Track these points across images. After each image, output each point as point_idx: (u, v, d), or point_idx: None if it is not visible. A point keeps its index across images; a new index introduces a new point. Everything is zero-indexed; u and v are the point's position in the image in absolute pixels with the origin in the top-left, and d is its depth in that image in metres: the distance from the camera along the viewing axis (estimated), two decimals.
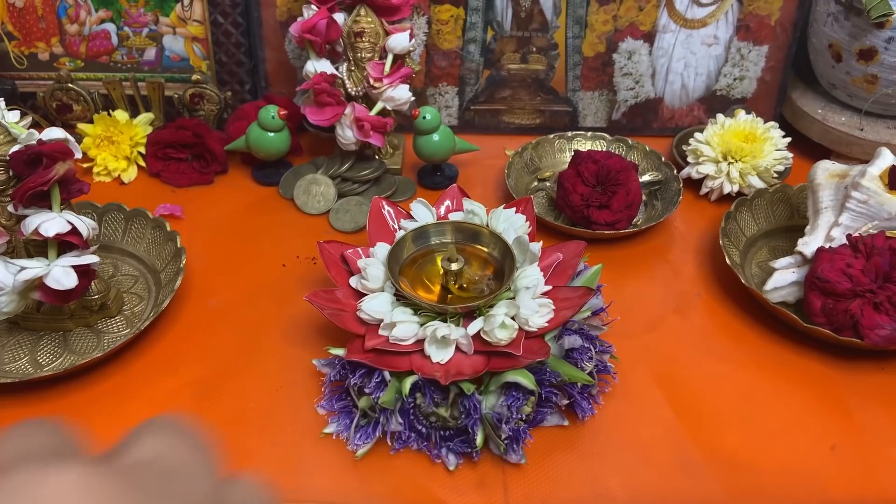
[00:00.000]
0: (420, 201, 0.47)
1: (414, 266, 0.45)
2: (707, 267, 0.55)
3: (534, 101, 0.70)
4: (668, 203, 0.60)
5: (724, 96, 0.70)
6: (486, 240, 0.45)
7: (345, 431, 0.41)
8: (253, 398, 0.44)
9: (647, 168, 0.64)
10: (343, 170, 0.61)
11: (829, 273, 0.45)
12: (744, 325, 0.50)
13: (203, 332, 0.48)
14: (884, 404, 0.44)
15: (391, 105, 0.59)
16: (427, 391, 0.39)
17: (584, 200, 0.55)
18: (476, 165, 0.66)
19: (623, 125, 0.71)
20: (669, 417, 0.43)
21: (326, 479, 0.39)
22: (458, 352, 0.41)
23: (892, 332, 0.44)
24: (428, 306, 0.41)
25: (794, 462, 0.41)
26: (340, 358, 0.41)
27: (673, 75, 0.68)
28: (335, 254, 0.45)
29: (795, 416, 0.43)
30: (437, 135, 0.60)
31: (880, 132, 0.63)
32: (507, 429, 0.38)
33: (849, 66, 0.62)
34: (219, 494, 0.17)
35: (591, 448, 0.41)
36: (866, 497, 0.39)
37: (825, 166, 0.53)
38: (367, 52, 0.58)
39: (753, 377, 0.46)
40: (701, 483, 0.40)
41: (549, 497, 0.39)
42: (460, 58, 0.67)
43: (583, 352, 0.41)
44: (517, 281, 0.42)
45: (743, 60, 0.68)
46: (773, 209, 0.58)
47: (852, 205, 0.49)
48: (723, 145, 0.61)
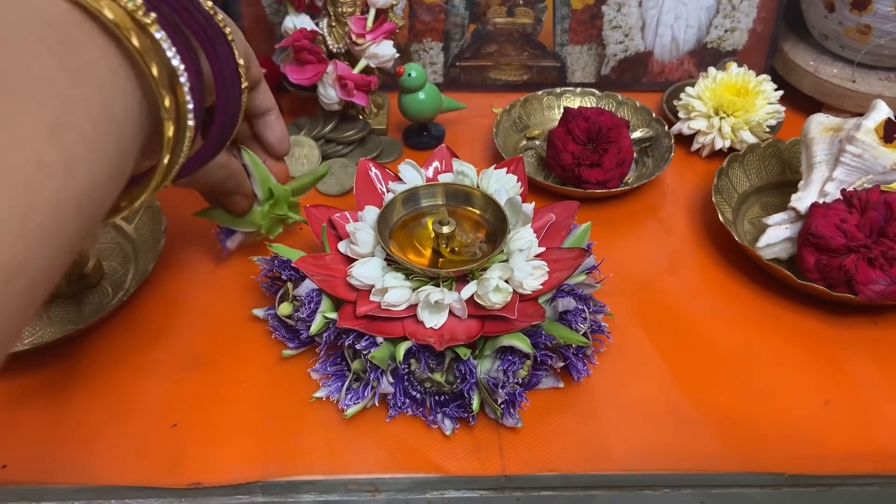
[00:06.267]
0: (408, 163, 0.46)
1: (404, 230, 0.44)
2: (699, 224, 0.55)
3: (521, 57, 0.68)
4: (660, 160, 0.59)
5: (715, 49, 0.68)
6: (478, 202, 0.44)
7: (335, 394, 0.41)
8: (244, 367, 0.43)
9: (637, 124, 0.62)
10: (326, 131, 0.59)
11: (823, 228, 0.45)
12: (737, 282, 0.50)
13: (189, 300, 0.47)
14: (876, 359, 0.44)
15: (375, 62, 0.57)
16: (421, 357, 0.38)
17: (575, 159, 0.54)
18: (463, 124, 0.64)
19: (612, 80, 0.69)
20: (664, 375, 0.43)
21: (321, 449, 0.39)
22: (452, 316, 0.40)
23: (886, 287, 0.43)
24: (420, 271, 0.40)
25: (789, 418, 0.41)
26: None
27: (663, 28, 0.67)
28: (322, 218, 0.44)
29: (789, 372, 0.43)
30: (422, 93, 0.58)
31: (872, 84, 0.63)
32: (504, 393, 0.38)
33: (841, 15, 0.61)
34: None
35: (587, 408, 0.41)
36: (860, 452, 0.39)
37: (819, 120, 0.52)
38: (348, 6, 0.56)
39: (747, 334, 0.46)
40: (697, 439, 0.40)
41: (545, 459, 0.39)
42: (445, 11, 0.65)
43: (577, 313, 0.40)
44: (510, 243, 0.42)
45: (734, 11, 0.66)
46: (766, 164, 0.57)
47: (847, 159, 0.48)
48: (714, 100, 0.59)
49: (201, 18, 0.30)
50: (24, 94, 0.20)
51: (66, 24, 0.23)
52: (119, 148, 0.24)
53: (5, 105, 0.19)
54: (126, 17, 0.25)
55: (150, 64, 0.26)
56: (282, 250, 0.42)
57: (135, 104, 0.26)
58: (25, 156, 0.19)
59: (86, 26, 0.24)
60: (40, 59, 0.21)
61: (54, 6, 0.23)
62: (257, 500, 0.38)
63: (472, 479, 0.38)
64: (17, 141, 0.19)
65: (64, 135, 0.21)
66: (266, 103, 0.41)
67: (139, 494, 0.38)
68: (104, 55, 0.24)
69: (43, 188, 0.20)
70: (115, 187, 0.25)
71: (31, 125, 0.20)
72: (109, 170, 0.24)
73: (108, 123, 0.23)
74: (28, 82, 0.20)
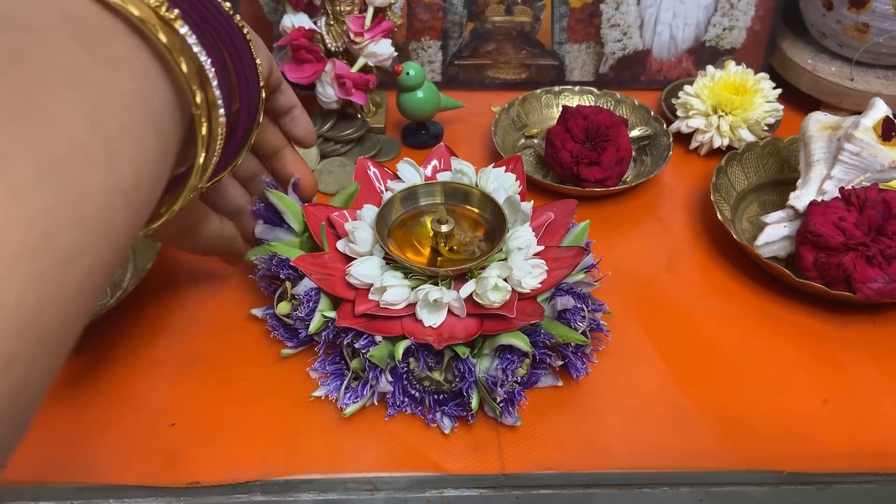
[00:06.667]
0: (407, 161, 0.46)
1: (403, 228, 0.44)
2: (698, 223, 0.55)
3: (519, 55, 0.68)
4: (658, 158, 0.59)
5: (713, 47, 0.68)
6: (477, 200, 0.44)
7: (334, 393, 0.41)
8: (243, 366, 0.43)
9: (636, 123, 0.62)
10: (325, 129, 0.59)
11: (822, 227, 0.45)
12: (735, 280, 0.50)
13: (187, 300, 0.47)
14: (875, 357, 0.44)
15: (373, 61, 0.57)
16: (420, 355, 0.38)
17: (574, 158, 0.54)
18: (461, 123, 0.64)
19: (611, 79, 0.69)
20: (663, 373, 0.43)
21: (319, 448, 0.39)
22: (451, 315, 0.40)
23: (885, 285, 0.44)
24: (419, 269, 0.40)
25: (787, 416, 0.41)
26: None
27: (661, 26, 0.67)
28: (321, 217, 0.44)
29: (788, 370, 0.43)
30: (421, 91, 0.58)
31: (870, 82, 0.63)
32: (502, 391, 0.38)
33: (840, 14, 0.61)
34: None
35: (585, 407, 0.41)
36: (858, 450, 0.39)
37: (817, 118, 0.52)
38: (346, 4, 0.56)
39: (745, 332, 0.46)
40: (695, 437, 0.40)
41: (544, 457, 0.39)
42: (443, 10, 0.65)
43: (575, 312, 0.40)
44: (509, 242, 0.42)
45: (733, 9, 0.66)
46: (764, 162, 0.57)
47: (845, 157, 0.48)
48: (713, 98, 0.59)
49: (221, 17, 0.31)
50: (60, 87, 0.20)
51: (93, 21, 0.23)
52: (159, 141, 0.24)
53: (41, 97, 0.19)
54: (151, 14, 0.25)
55: (179, 60, 0.26)
56: (280, 249, 0.42)
57: (168, 98, 0.26)
58: (69, 146, 0.19)
59: (112, 23, 0.24)
60: (72, 52, 0.21)
61: (80, 4, 0.23)
62: (256, 499, 0.38)
63: (470, 478, 0.38)
64: (58, 131, 0.19)
65: (105, 126, 0.21)
66: (290, 100, 0.42)
67: (138, 493, 0.37)
68: (134, 50, 0.24)
69: (90, 178, 0.20)
70: (159, 182, 0.25)
71: (70, 116, 0.20)
72: (152, 163, 0.24)
73: (147, 116, 0.23)
74: (62, 74, 0.20)
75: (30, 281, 0.18)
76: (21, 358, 0.18)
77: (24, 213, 0.18)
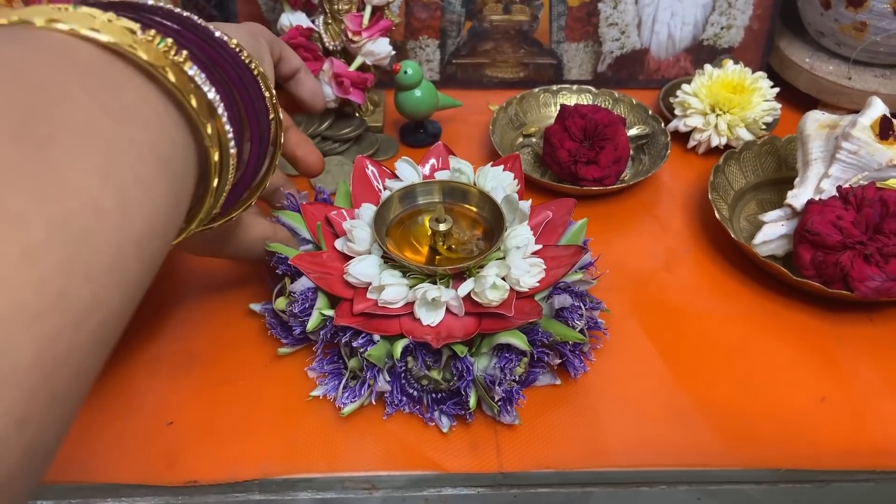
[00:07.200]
0: (405, 160, 0.46)
1: (401, 227, 0.44)
2: (695, 221, 0.55)
3: (517, 54, 0.68)
4: (656, 157, 0.59)
5: (711, 46, 0.68)
6: (475, 199, 0.44)
7: (332, 392, 0.41)
8: (241, 364, 0.43)
9: (634, 122, 0.62)
10: (323, 128, 0.59)
11: (819, 225, 0.45)
12: (733, 279, 0.50)
13: (185, 297, 0.47)
14: (872, 356, 0.44)
15: (371, 59, 0.57)
16: (418, 354, 0.38)
17: (572, 156, 0.54)
18: (459, 122, 0.64)
19: (608, 78, 0.69)
20: (661, 371, 0.43)
21: (317, 446, 0.39)
22: (449, 314, 0.40)
23: (882, 284, 0.44)
24: (417, 268, 0.40)
25: (785, 414, 0.41)
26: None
27: (659, 25, 0.67)
28: (319, 216, 0.44)
29: (785, 368, 0.44)
30: (419, 90, 0.58)
31: (868, 81, 0.63)
32: (501, 390, 0.38)
33: (837, 13, 0.61)
34: None
35: (583, 405, 0.41)
36: (856, 448, 0.39)
37: (815, 117, 0.52)
38: (344, 3, 0.56)
39: (743, 330, 0.46)
40: (693, 435, 0.40)
41: (542, 456, 0.39)
42: (441, 9, 0.65)
43: (573, 310, 0.40)
44: (507, 240, 0.42)
45: (730, 9, 0.66)
46: (762, 161, 0.57)
47: (843, 156, 0.48)
48: (711, 97, 0.59)
49: (227, 55, 0.31)
50: (70, 141, 0.20)
51: (102, 69, 0.23)
52: (172, 186, 0.24)
53: (51, 152, 0.19)
54: (160, 56, 0.25)
55: (189, 97, 0.26)
56: (279, 249, 0.42)
57: (180, 139, 0.26)
58: (81, 201, 0.19)
59: (121, 69, 0.24)
60: (81, 104, 0.21)
61: (87, 52, 0.23)
62: (254, 498, 0.38)
63: (469, 477, 0.38)
64: (70, 188, 0.19)
65: (117, 178, 0.21)
66: (293, 65, 0.43)
67: (135, 493, 0.37)
68: (143, 95, 0.24)
69: (102, 231, 0.20)
70: (172, 226, 0.25)
71: (81, 172, 0.20)
72: (165, 209, 0.24)
73: (159, 162, 0.24)
74: (72, 128, 0.20)
75: (43, 342, 0.17)
76: (35, 418, 0.17)
77: (37, 274, 0.18)
